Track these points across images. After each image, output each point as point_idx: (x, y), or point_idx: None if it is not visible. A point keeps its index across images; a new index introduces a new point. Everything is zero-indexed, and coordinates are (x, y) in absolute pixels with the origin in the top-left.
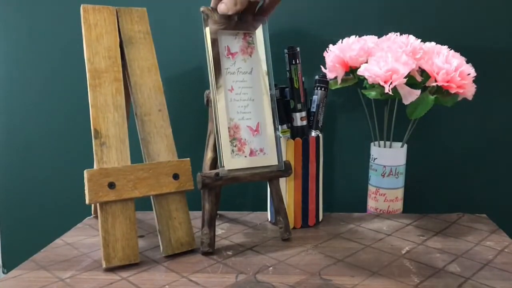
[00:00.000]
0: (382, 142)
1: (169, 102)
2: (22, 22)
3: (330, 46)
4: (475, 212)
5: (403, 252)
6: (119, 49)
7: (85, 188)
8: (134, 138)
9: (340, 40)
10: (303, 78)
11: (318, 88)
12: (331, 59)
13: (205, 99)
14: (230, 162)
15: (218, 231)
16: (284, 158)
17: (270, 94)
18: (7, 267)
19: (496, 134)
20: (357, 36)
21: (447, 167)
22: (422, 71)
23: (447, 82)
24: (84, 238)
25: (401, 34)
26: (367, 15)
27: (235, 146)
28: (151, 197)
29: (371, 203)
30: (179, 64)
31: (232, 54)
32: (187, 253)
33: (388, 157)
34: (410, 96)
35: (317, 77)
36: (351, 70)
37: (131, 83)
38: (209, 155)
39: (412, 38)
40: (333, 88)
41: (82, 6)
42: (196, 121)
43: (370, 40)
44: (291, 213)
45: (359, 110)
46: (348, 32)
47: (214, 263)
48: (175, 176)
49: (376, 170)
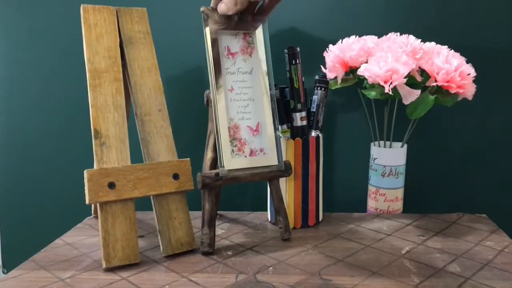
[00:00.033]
0: (382, 142)
1: (169, 102)
2: (22, 22)
3: (330, 46)
4: (475, 212)
5: (403, 252)
6: (119, 49)
7: (85, 188)
8: (134, 138)
9: (340, 40)
10: (303, 78)
11: (318, 88)
12: (331, 59)
13: (205, 99)
14: (230, 162)
15: (218, 231)
16: (284, 158)
17: (270, 94)
18: (7, 267)
19: (496, 134)
20: (357, 36)
21: (447, 167)
22: (422, 71)
23: (447, 82)
24: (84, 238)
25: (401, 34)
26: (367, 15)
27: (235, 146)
28: (151, 197)
29: (371, 203)
30: (179, 64)
31: (232, 54)
32: (187, 253)
33: (388, 157)
34: (410, 96)
35: (317, 77)
36: (351, 70)
37: (131, 83)
38: (209, 155)
39: (412, 38)
40: (333, 88)
41: (82, 6)
42: (196, 121)
43: (370, 40)
44: (291, 213)
45: (359, 110)
46: (348, 32)
47: (214, 263)
48: (175, 176)
49: (376, 170)
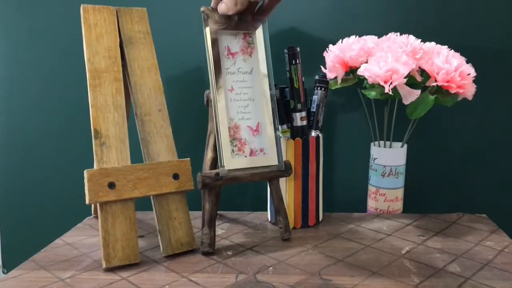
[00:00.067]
0: (382, 142)
1: (169, 102)
2: (22, 22)
3: (330, 46)
4: (475, 212)
5: (403, 252)
6: (119, 49)
7: (85, 188)
8: (134, 138)
9: (340, 40)
10: (303, 78)
11: (318, 88)
12: (331, 59)
13: (205, 99)
14: (230, 162)
15: (218, 231)
16: (284, 158)
17: (270, 94)
18: (7, 267)
19: (496, 134)
20: (357, 36)
21: (447, 167)
22: (422, 71)
23: (447, 82)
24: (84, 238)
25: (401, 34)
26: (367, 15)
27: (235, 146)
28: (151, 197)
29: (371, 203)
30: (179, 64)
31: (232, 54)
32: (187, 253)
33: (388, 157)
34: (410, 96)
35: (317, 77)
36: (351, 70)
37: (131, 83)
38: (209, 155)
39: (412, 38)
40: (333, 88)
41: (82, 6)
42: (196, 121)
43: (370, 40)
44: (291, 213)
45: (359, 110)
46: (348, 32)
47: (214, 263)
48: (175, 176)
49: (376, 170)
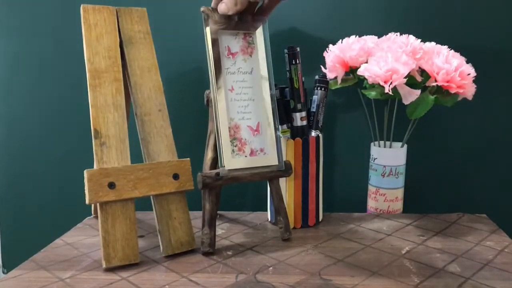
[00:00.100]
0: (382, 142)
1: (169, 102)
2: (22, 22)
3: (330, 46)
4: (475, 212)
5: (403, 252)
6: (119, 49)
7: (85, 188)
8: (134, 138)
9: (340, 40)
10: (303, 78)
11: (318, 88)
12: (331, 59)
13: (205, 99)
14: (231, 162)
15: (218, 231)
16: (284, 158)
17: (270, 94)
18: (7, 267)
19: (496, 134)
20: (357, 36)
21: (447, 167)
22: (422, 71)
23: (447, 82)
24: (84, 238)
25: (401, 34)
26: (367, 15)
27: (236, 146)
28: (151, 197)
29: (371, 203)
30: (179, 64)
31: (232, 54)
32: (187, 253)
33: (388, 157)
34: (410, 96)
35: (317, 77)
36: (351, 70)
37: (131, 83)
38: (209, 155)
39: (412, 38)
40: (333, 88)
41: (82, 6)
42: (196, 121)
43: (370, 40)
44: (291, 213)
45: (359, 110)
46: (348, 32)
47: (214, 263)
48: (175, 176)
49: (376, 170)
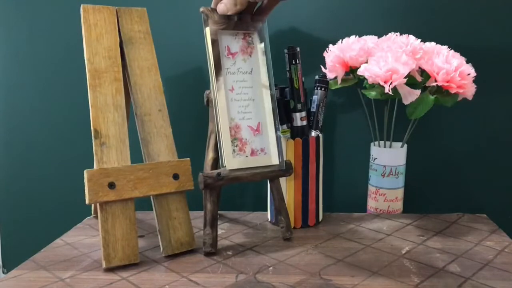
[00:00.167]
0: (382, 142)
1: (169, 102)
2: (22, 22)
3: (330, 46)
4: (475, 212)
5: (403, 252)
6: (119, 49)
7: (85, 188)
8: (134, 138)
9: (340, 40)
10: (303, 78)
11: (318, 88)
12: (331, 59)
13: (205, 99)
14: (232, 162)
15: (218, 231)
16: (284, 158)
17: (270, 94)
18: (7, 267)
19: (496, 134)
20: (357, 36)
21: (447, 167)
22: (422, 71)
23: (447, 82)
24: (84, 238)
25: (401, 34)
26: (367, 15)
27: (236, 146)
28: (151, 197)
29: (371, 203)
30: (179, 64)
31: (232, 54)
32: (187, 253)
33: (388, 157)
34: (410, 96)
35: (317, 77)
36: (351, 70)
37: (131, 83)
38: (210, 155)
39: (412, 38)
40: (333, 88)
41: (82, 6)
42: (196, 121)
43: (370, 40)
44: (291, 213)
45: (359, 110)
46: (348, 32)
47: (214, 263)
48: (175, 176)
49: (376, 170)
